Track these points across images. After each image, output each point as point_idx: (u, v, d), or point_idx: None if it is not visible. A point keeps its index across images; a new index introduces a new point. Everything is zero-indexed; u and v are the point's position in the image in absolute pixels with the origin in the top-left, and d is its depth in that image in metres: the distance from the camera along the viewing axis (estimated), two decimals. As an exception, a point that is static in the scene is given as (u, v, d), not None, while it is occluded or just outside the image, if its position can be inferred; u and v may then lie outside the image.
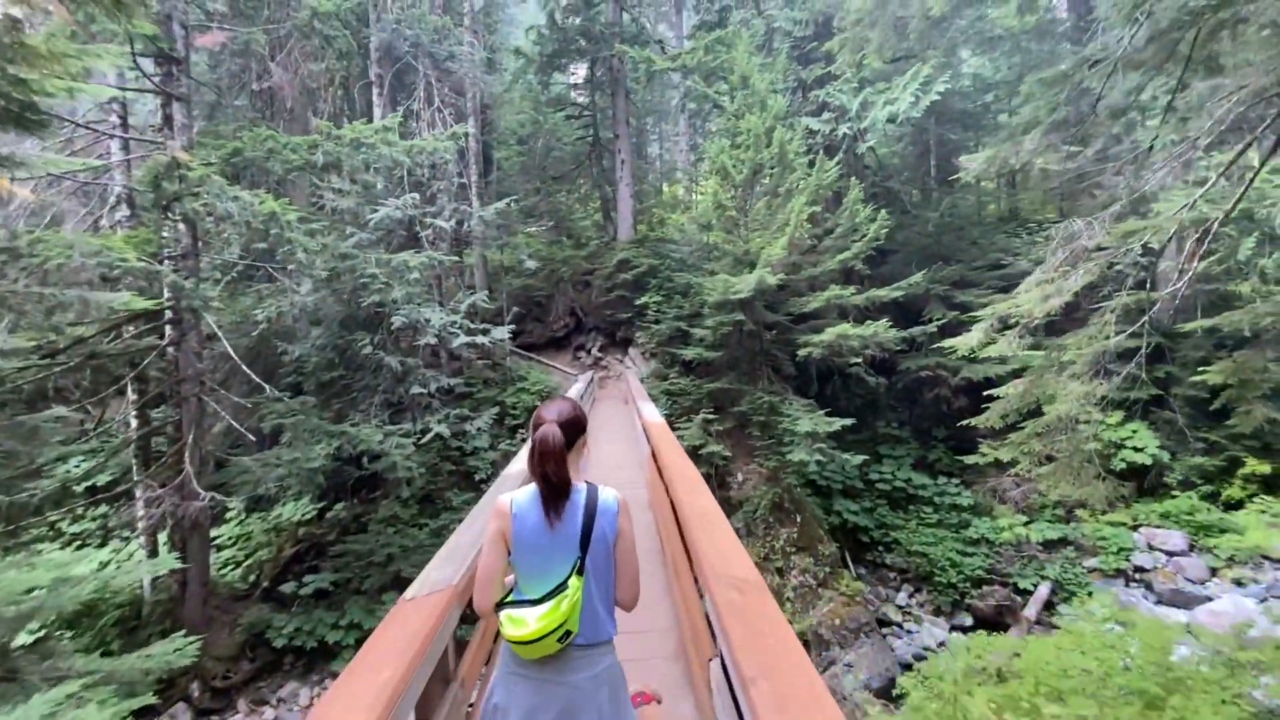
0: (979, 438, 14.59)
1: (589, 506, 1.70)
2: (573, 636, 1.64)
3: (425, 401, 11.08)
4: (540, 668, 1.66)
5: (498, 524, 1.69)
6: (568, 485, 1.69)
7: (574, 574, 1.64)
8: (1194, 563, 11.64)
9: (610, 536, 1.72)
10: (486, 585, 1.67)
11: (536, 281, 15.39)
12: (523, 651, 1.62)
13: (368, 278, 8.04)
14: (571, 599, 1.61)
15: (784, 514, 11.05)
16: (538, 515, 1.67)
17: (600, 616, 1.71)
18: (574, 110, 16.90)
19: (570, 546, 1.67)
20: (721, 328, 10.98)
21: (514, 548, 1.68)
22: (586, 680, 1.66)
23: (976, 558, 12.01)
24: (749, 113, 11.22)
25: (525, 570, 1.68)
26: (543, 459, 1.66)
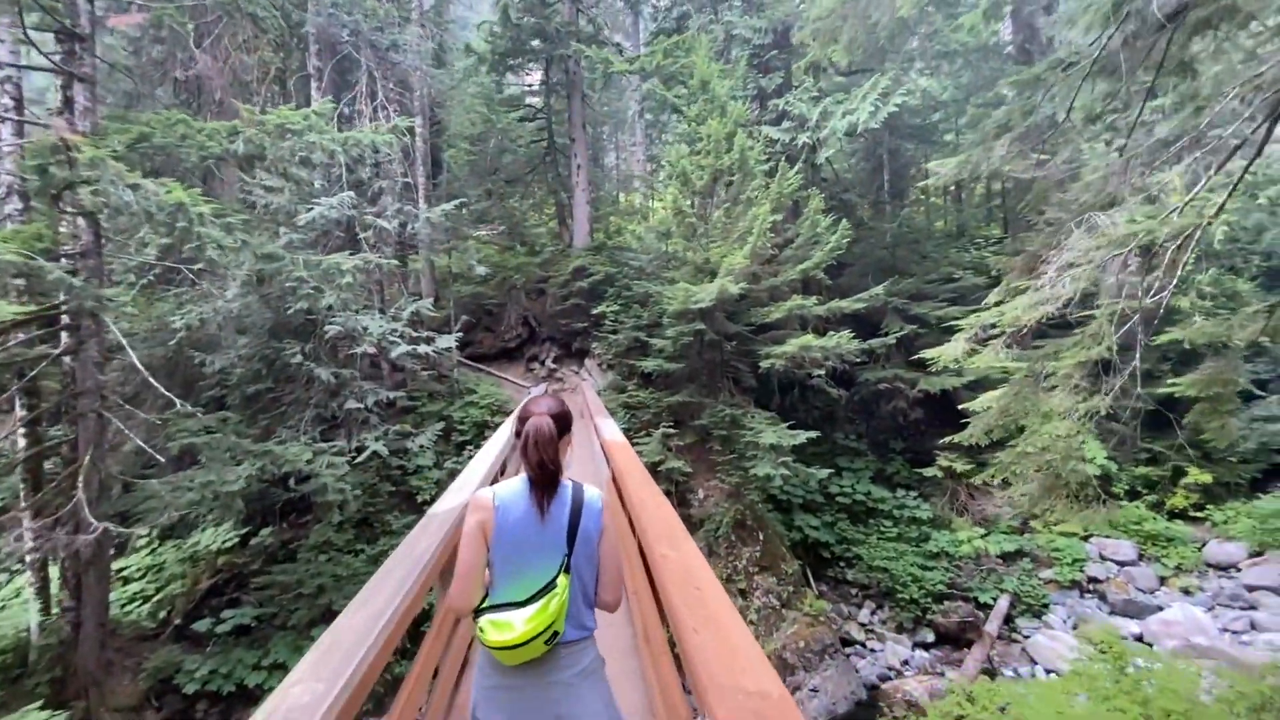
0: (937, 450, 14.66)
1: (575, 502, 1.66)
2: (559, 637, 1.57)
3: (362, 416, 10.21)
4: (524, 673, 1.59)
5: (477, 517, 1.62)
6: (558, 474, 1.65)
7: (562, 572, 1.58)
8: (1144, 572, 11.83)
9: (594, 534, 1.67)
10: (466, 582, 1.59)
11: (488, 289, 14.66)
12: (506, 657, 1.54)
13: (295, 281, 7.23)
14: (560, 598, 1.55)
15: (746, 532, 10.65)
16: (524, 509, 1.62)
17: (584, 613, 1.66)
18: (528, 112, 16.30)
19: (557, 543, 1.61)
20: (682, 338, 10.55)
21: (494, 543, 1.60)
22: (574, 677, 1.61)
23: (937, 572, 11.88)
24: (709, 118, 10.90)
25: (505, 568, 1.60)
26: (537, 447, 1.61)
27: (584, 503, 1.67)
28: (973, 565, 12.06)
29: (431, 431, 10.57)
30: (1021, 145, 6.39)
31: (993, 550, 12.20)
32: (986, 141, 6.10)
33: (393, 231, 10.61)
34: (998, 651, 10.50)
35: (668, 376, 11.65)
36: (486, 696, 1.62)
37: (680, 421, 11.30)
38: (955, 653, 10.78)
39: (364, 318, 10.26)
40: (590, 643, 1.69)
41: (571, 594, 1.61)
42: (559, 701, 1.59)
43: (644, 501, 2.24)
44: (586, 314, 13.55)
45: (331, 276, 7.32)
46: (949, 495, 13.57)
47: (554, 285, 14.10)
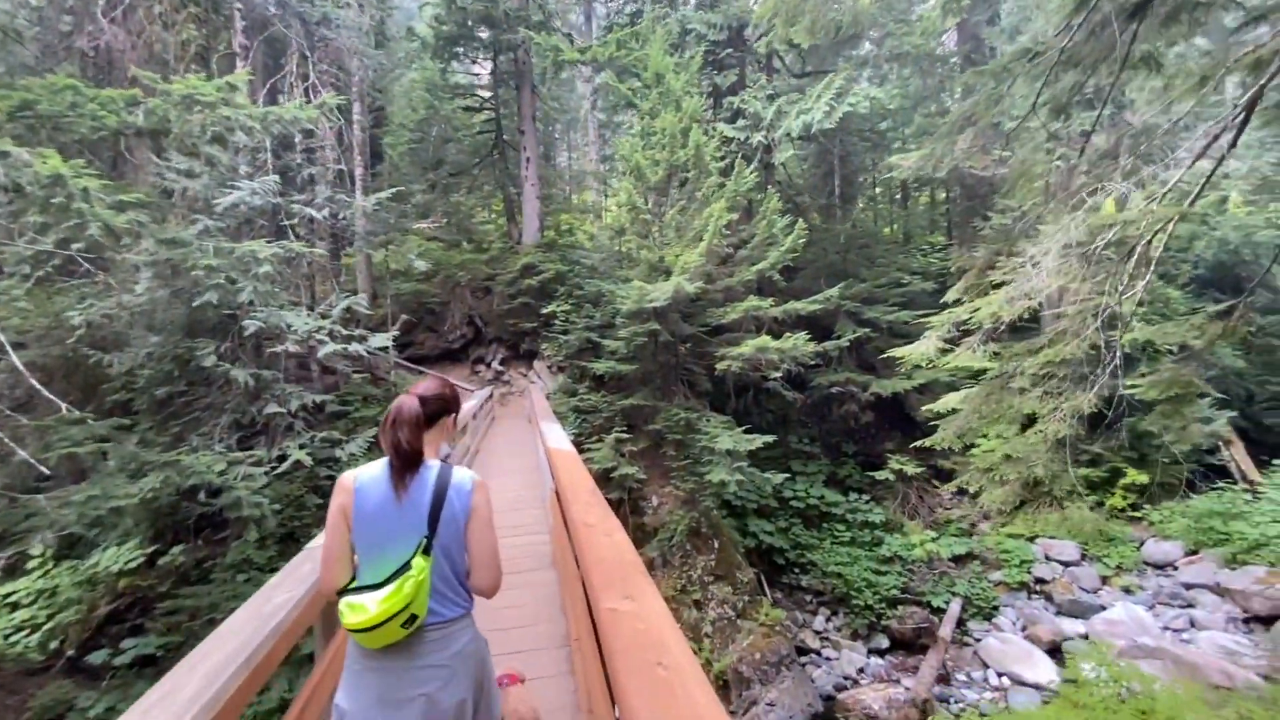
0: (889, 453, 14.70)
1: (440, 483, 1.64)
2: (420, 621, 1.56)
3: (285, 422, 9.32)
4: (389, 656, 1.57)
5: (339, 500, 1.62)
6: (418, 456, 1.64)
7: (419, 554, 1.56)
8: (1087, 572, 12.06)
9: (462, 517, 1.66)
10: (331, 564, 1.61)
11: (430, 287, 13.85)
12: (365, 640, 1.54)
13: (203, 270, 6.40)
14: (416, 580, 1.52)
15: (701, 540, 10.26)
16: (383, 490, 1.61)
17: (454, 596, 1.65)
18: (476, 102, 15.54)
19: (417, 525, 1.60)
20: (636, 339, 10.10)
21: (354, 526, 1.60)
22: (448, 659, 1.61)
23: (890, 576, 11.80)
24: (664, 112, 10.53)
25: (365, 549, 1.60)
26: (394, 426, 1.62)
27: (450, 484, 1.64)
28: (925, 569, 12.05)
29: (364, 438, 9.75)
30: (984, 140, 6.23)
31: (944, 554, 12.22)
32: (950, 134, 5.90)
33: (323, 221, 9.77)
34: (950, 656, 10.45)
35: (621, 379, 11.18)
36: (349, 679, 1.60)
37: (633, 426, 10.84)
38: (910, 658, 10.68)
39: (288, 314, 9.39)
40: (464, 625, 1.66)
41: (435, 577, 1.59)
42: (430, 681, 1.57)
43: (591, 530, 1.74)
44: (536, 314, 12.94)
45: (247, 265, 6.51)
46: (900, 498, 13.59)
47: (501, 283, 13.42)
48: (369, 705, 1.55)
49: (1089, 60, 5.12)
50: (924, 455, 15.29)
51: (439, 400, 1.74)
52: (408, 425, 1.60)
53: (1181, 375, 5.35)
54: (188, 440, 9.23)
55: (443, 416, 1.76)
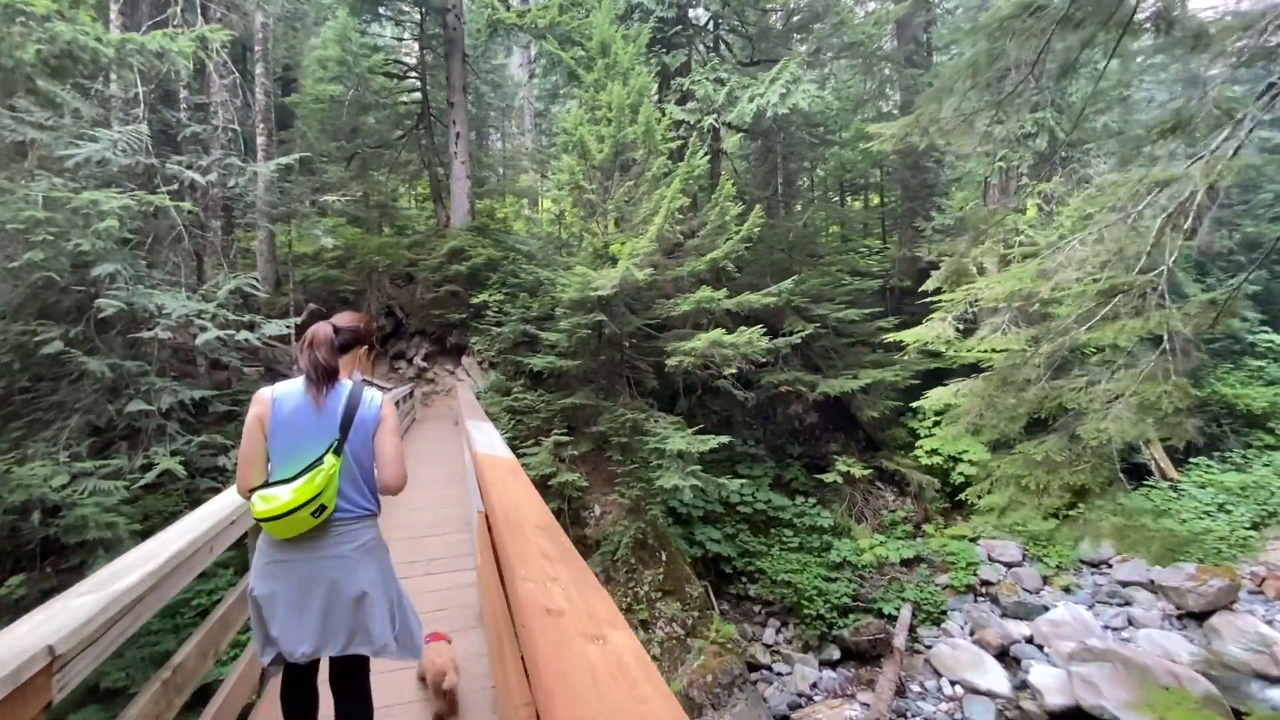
0: (835, 454, 14.35)
1: (352, 397, 1.81)
2: (328, 512, 1.72)
3: (153, 424, 7.73)
4: (299, 547, 1.72)
5: (256, 410, 1.78)
6: (332, 371, 1.80)
7: (330, 452, 1.72)
8: (1029, 572, 12.04)
9: (370, 425, 1.83)
10: (245, 468, 1.76)
11: (344, 273, 12.30)
12: (275, 530, 1.68)
13: (23, 224, 4.92)
14: (327, 473, 1.68)
15: (648, 552, 9.37)
16: (299, 400, 1.77)
17: (361, 494, 1.82)
18: (399, 69, 14.00)
19: (329, 429, 1.76)
20: (578, 331, 9.12)
21: (271, 433, 1.75)
22: (351, 551, 1.76)
23: (841, 583, 11.33)
24: (611, 84, 9.61)
25: (280, 451, 1.74)
26: (312, 345, 1.78)
27: (361, 398, 1.83)
28: (875, 574, 11.67)
29: (255, 443, 8.26)
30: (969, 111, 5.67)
31: (893, 558, 11.89)
32: (938, 97, 5.29)
33: (206, 185, 8.23)
34: (903, 665, 10.05)
35: (560, 376, 10.16)
36: (261, 571, 1.75)
37: (574, 428, 9.83)
38: (863, 669, 10.21)
39: (161, 295, 7.82)
40: (370, 523, 1.85)
41: (345, 475, 1.78)
42: (335, 570, 1.73)
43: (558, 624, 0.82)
44: (465, 304, 11.67)
45: (88, 220, 5.08)
46: (847, 501, 13.22)
47: (425, 270, 12.05)
48: (281, 590, 1.71)
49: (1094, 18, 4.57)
50: (869, 456, 15.15)
51: (352, 332, 1.90)
52: (324, 346, 1.78)
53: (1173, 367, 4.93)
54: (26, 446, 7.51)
55: (355, 346, 1.92)
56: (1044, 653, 10.37)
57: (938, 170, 16.26)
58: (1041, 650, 10.44)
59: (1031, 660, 10.04)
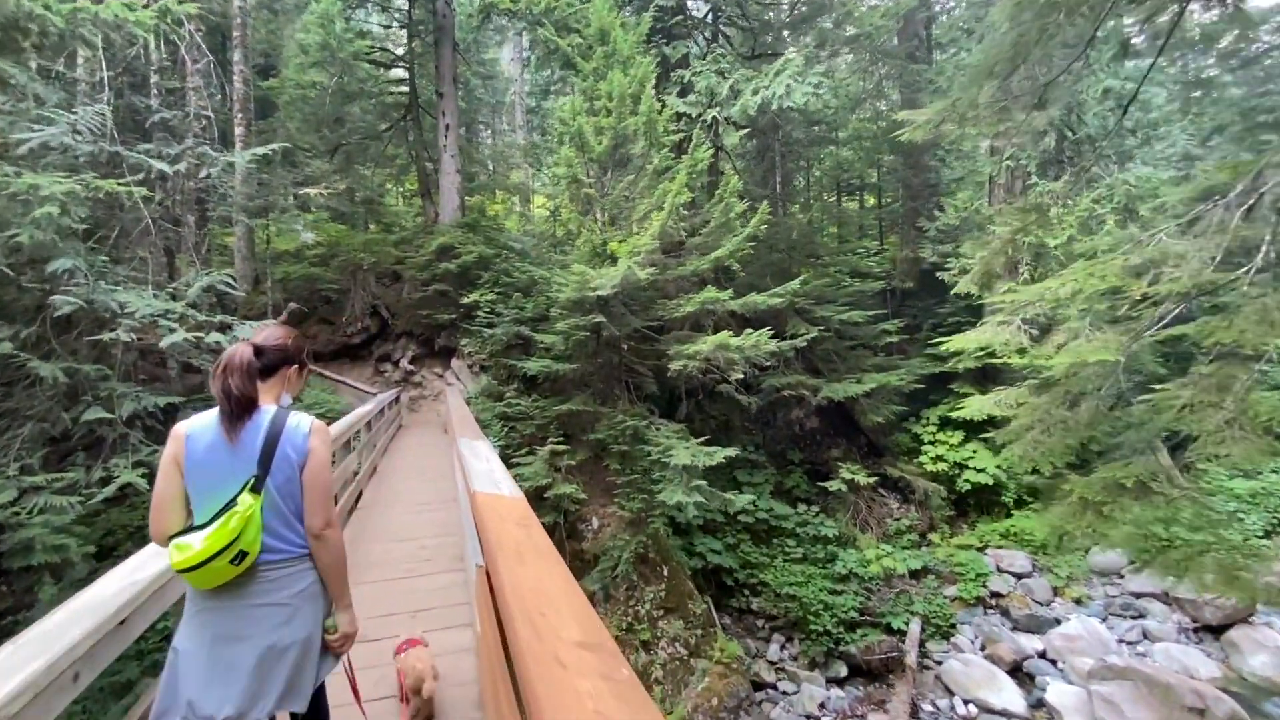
0: (838, 461, 13.92)
1: (273, 427, 1.62)
2: (251, 558, 1.55)
3: (115, 433, 7.12)
4: (226, 595, 1.56)
5: (171, 448, 1.60)
6: (248, 401, 1.61)
7: (246, 491, 1.56)
8: (1039, 583, 11.66)
9: (296, 457, 1.64)
10: (157, 512, 1.60)
11: (326, 271, 11.68)
12: (194, 580, 1.52)
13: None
14: (243, 515, 1.52)
15: (649, 568, 8.87)
16: (214, 435, 1.60)
17: (288, 536, 1.64)
18: (387, 58, 13.36)
19: (246, 465, 1.59)
20: (575, 333, 8.60)
21: (187, 473, 1.58)
22: (288, 598, 1.60)
23: (847, 596, 10.89)
24: (610, 72, 9.11)
25: (197, 493, 1.58)
26: (225, 372, 1.60)
27: (284, 427, 1.64)
28: (883, 586, 11.24)
29: (227, 453, 7.66)
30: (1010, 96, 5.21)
31: (900, 569, 11.46)
32: (977, 80, 4.83)
33: (173, 175, 7.62)
34: (915, 684, 9.63)
35: (556, 380, 9.63)
36: (187, 621, 1.60)
37: (570, 435, 9.31)
38: (871, 687, 9.78)
39: (124, 293, 7.20)
40: (302, 566, 1.66)
41: (270, 513, 1.60)
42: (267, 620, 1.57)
43: None
44: (454, 304, 11.09)
45: (27, 205, 4.49)
46: (851, 509, 12.79)
47: (413, 268, 11.46)
48: (205, 644, 1.54)
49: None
50: (872, 462, 14.74)
51: (278, 351, 1.72)
52: (238, 373, 1.59)
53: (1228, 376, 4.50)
54: (-27, 458, 6.87)
55: (282, 367, 1.75)
56: (1058, 668, 9.99)
57: (940, 169, 15.89)
58: (1056, 665, 10.05)
59: (1046, 677, 9.63)
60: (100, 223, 8.57)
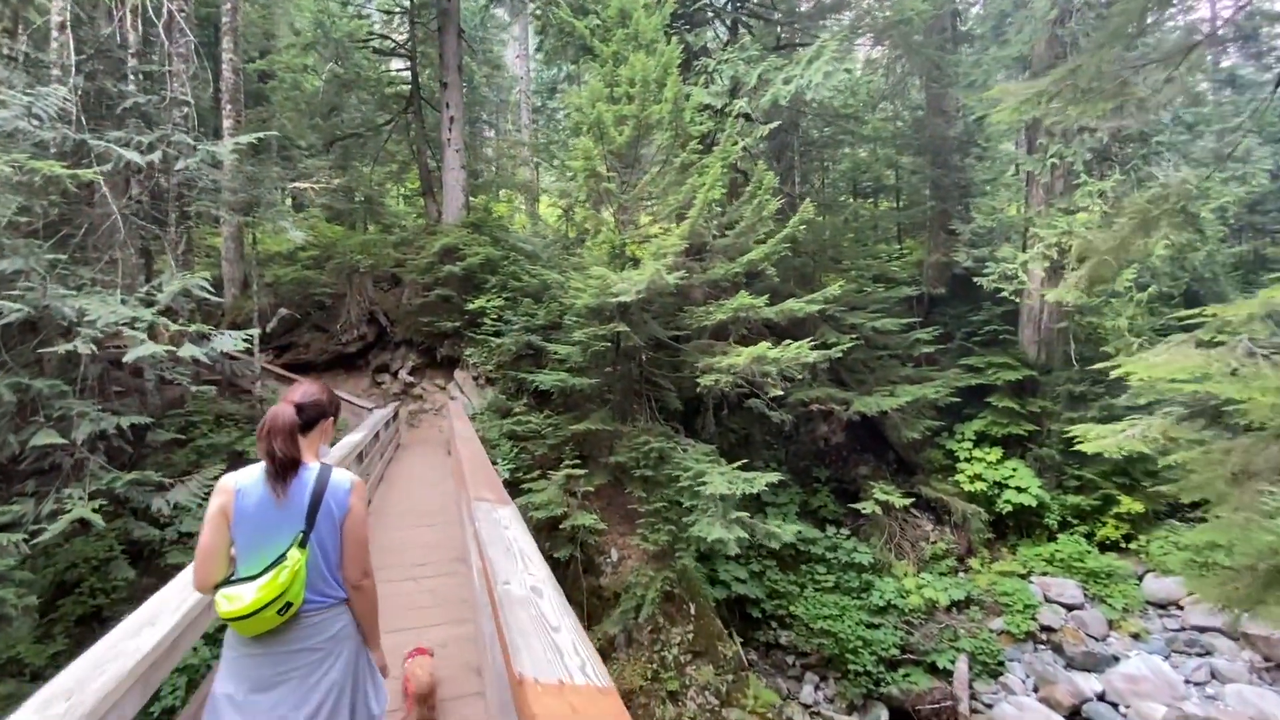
0: (870, 479, 13.00)
1: (318, 485, 1.73)
2: (294, 609, 1.64)
3: (75, 458, 6.22)
4: (268, 642, 1.65)
5: (219, 500, 1.69)
6: (294, 462, 1.71)
7: (295, 546, 1.65)
8: (1093, 616, 10.71)
9: (338, 514, 1.75)
10: (205, 562, 1.66)
11: (320, 275, 10.80)
12: (241, 628, 1.62)
13: None
14: (292, 569, 1.61)
15: (674, 605, 7.95)
16: (262, 491, 1.69)
17: (328, 586, 1.73)
18: (385, 45, 12.46)
19: (294, 521, 1.68)
20: (594, 344, 7.70)
21: (235, 526, 1.67)
22: (322, 642, 1.69)
23: (886, 630, 9.98)
24: (631, 56, 8.25)
25: (244, 546, 1.67)
26: (270, 435, 1.69)
27: (328, 484, 1.74)
28: (924, 619, 10.32)
29: (202, 479, 6.76)
30: (1121, 73, 4.33)
31: (942, 600, 10.53)
32: (1116, 38, 3.94)
33: (144, 165, 6.75)
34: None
35: (570, 395, 8.72)
36: (228, 665, 1.67)
37: (586, 457, 8.40)
38: (918, 736, 8.87)
39: (84, 298, 6.33)
40: (339, 612, 1.75)
41: (311, 568, 1.68)
42: (304, 664, 1.66)
43: None
44: (458, 310, 10.20)
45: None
46: (886, 533, 11.85)
47: (414, 271, 10.57)
48: (247, 689, 1.62)
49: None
50: (902, 480, 13.82)
51: (316, 407, 1.81)
52: (282, 435, 1.68)
53: None
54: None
55: (319, 421, 1.83)
56: (1121, 713, 9.07)
57: (972, 169, 15.02)
58: (1119, 710, 9.13)
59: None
60: (64, 218, 7.72)
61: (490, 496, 2.39)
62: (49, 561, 6.97)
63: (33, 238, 6.91)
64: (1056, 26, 11.91)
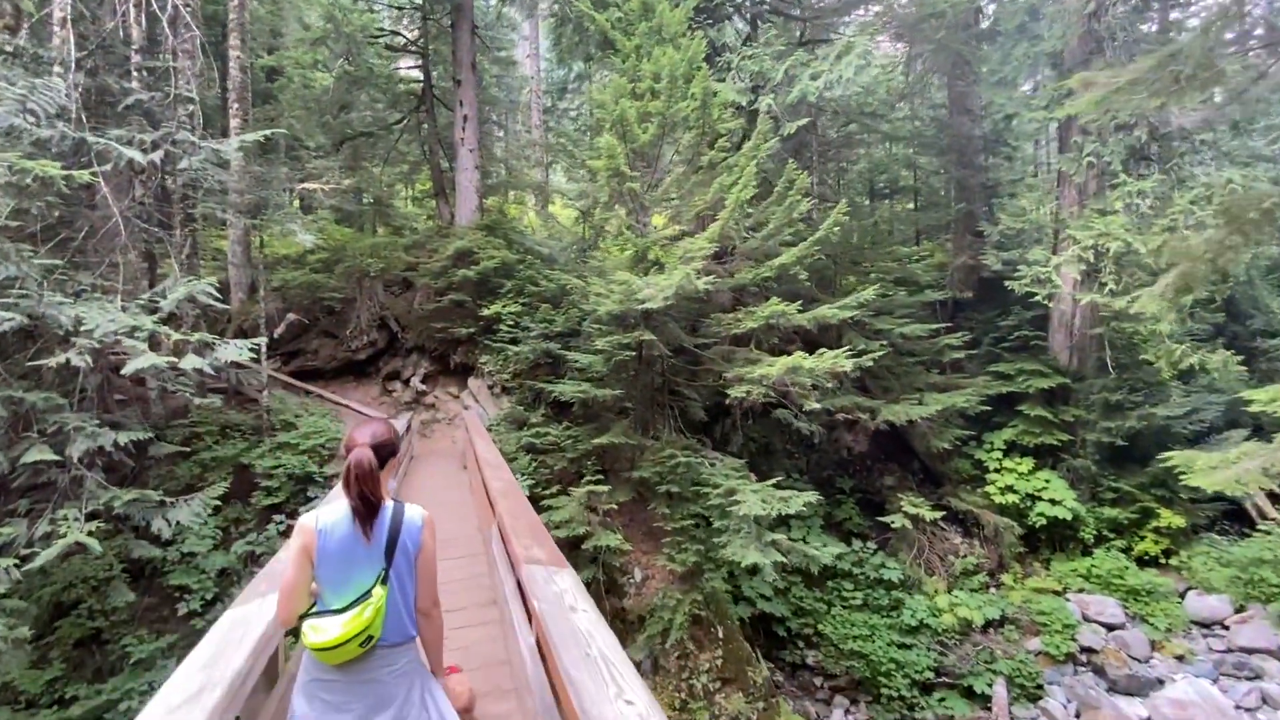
0: (897, 491, 12.54)
1: (395, 522, 1.82)
2: (374, 641, 1.74)
3: (71, 475, 5.86)
4: (344, 671, 1.74)
5: (301, 540, 1.76)
6: (379, 503, 1.80)
7: (378, 583, 1.75)
8: (1135, 637, 10.21)
9: (413, 550, 1.85)
10: (289, 599, 1.75)
11: (330, 279, 10.44)
12: (325, 657, 1.71)
13: None
14: (375, 606, 1.71)
15: (702, 629, 7.53)
16: (345, 530, 1.77)
17: (403, 619, 1.83)
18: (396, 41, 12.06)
19: (375, 558, 1.77)
20: (619, 353, 7.29)
21: (318, 564, 1.75)
22: (390, 676, 1.79)
23: (918, 651, 9.54)
24: (656, 49, 7.85)
25: (329, 582, 1.75)
26: (358, 481, 1.75)
27: (404, 521, 1.84)
28: (959, 639, 9.86)
29: (206, 498, 6.38)
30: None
31: (977, 620, 10.06)
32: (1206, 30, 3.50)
33: (144, 164, 6.38)
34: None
35: (589, 406, 8.31)
36: (304, 687, 1.77)
37: (608, 471, 7.99)
38: None
39: (82, 306, 5.98)
40: (409, 648, 1.87)
41: (390, 603, 1.78)
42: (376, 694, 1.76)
43: None
44: (473, 316, 9.80)
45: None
46: (915, 547, 11.37)
47: (426, 275, 10.18)
48: (317, 710, 1.74)
49: None
50: (928, 490, 13.33)
51: (388, 446, 1.87)
52: (368, 479, 1.75)
53: None
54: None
55: (390, 459, 1.89)
56: None
57: (999, 168, 14.54)
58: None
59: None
60: (64, 221, 7.37)
61: (542, 556, 1.99)
62: (45, 580, 6.62)
63: (29, 242, 6.57)
64: (1092, 21, 11.43)
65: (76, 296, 6.35)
